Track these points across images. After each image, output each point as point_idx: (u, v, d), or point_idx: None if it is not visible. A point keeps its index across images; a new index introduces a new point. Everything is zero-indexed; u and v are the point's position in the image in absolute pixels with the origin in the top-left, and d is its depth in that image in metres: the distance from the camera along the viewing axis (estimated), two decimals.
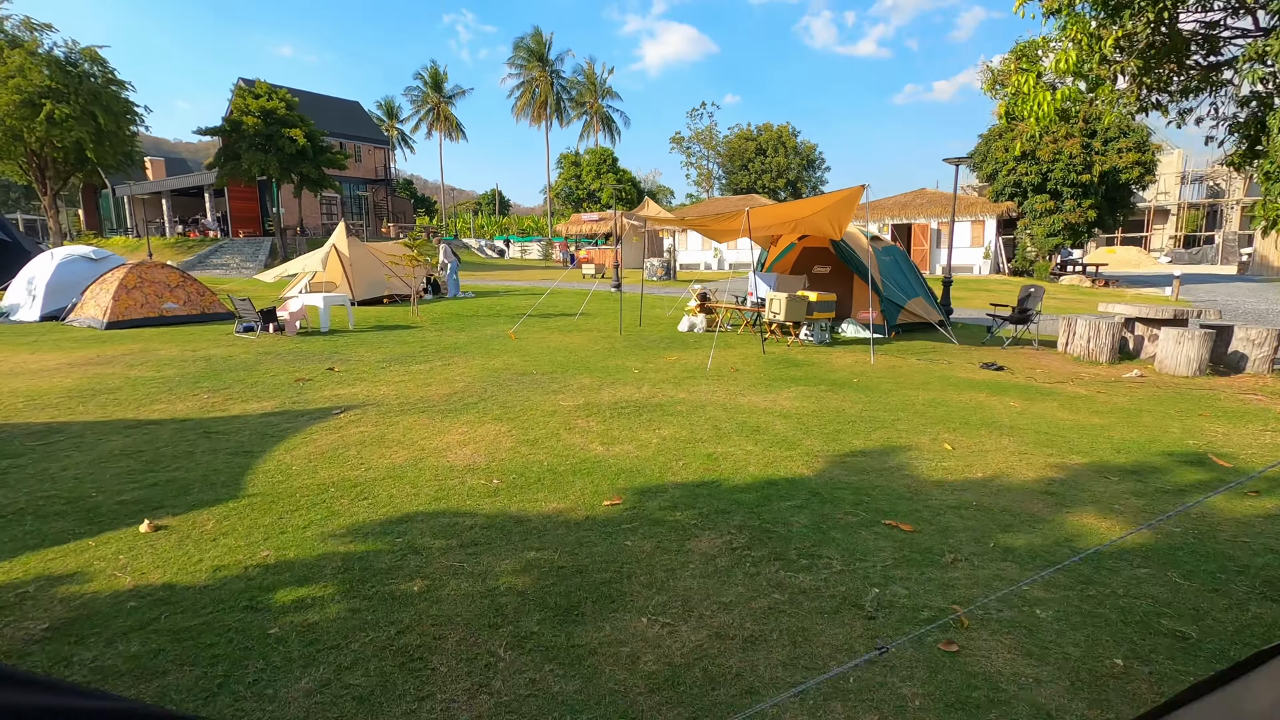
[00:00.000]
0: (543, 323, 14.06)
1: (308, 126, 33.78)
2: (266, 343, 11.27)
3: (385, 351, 10.50)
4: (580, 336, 12.13)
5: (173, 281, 13.75)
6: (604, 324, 14.06)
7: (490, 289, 23.11)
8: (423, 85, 61.41)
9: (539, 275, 31.75)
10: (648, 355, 10.29)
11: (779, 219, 11.09)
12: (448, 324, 14.02)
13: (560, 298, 20.00)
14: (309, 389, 7.80)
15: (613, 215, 37.52)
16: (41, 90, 29.31)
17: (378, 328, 13.40)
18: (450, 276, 20.12)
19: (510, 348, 10.89)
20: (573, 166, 59.02)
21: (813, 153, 60.38)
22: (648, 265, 27.10)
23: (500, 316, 15.44)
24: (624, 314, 15.42)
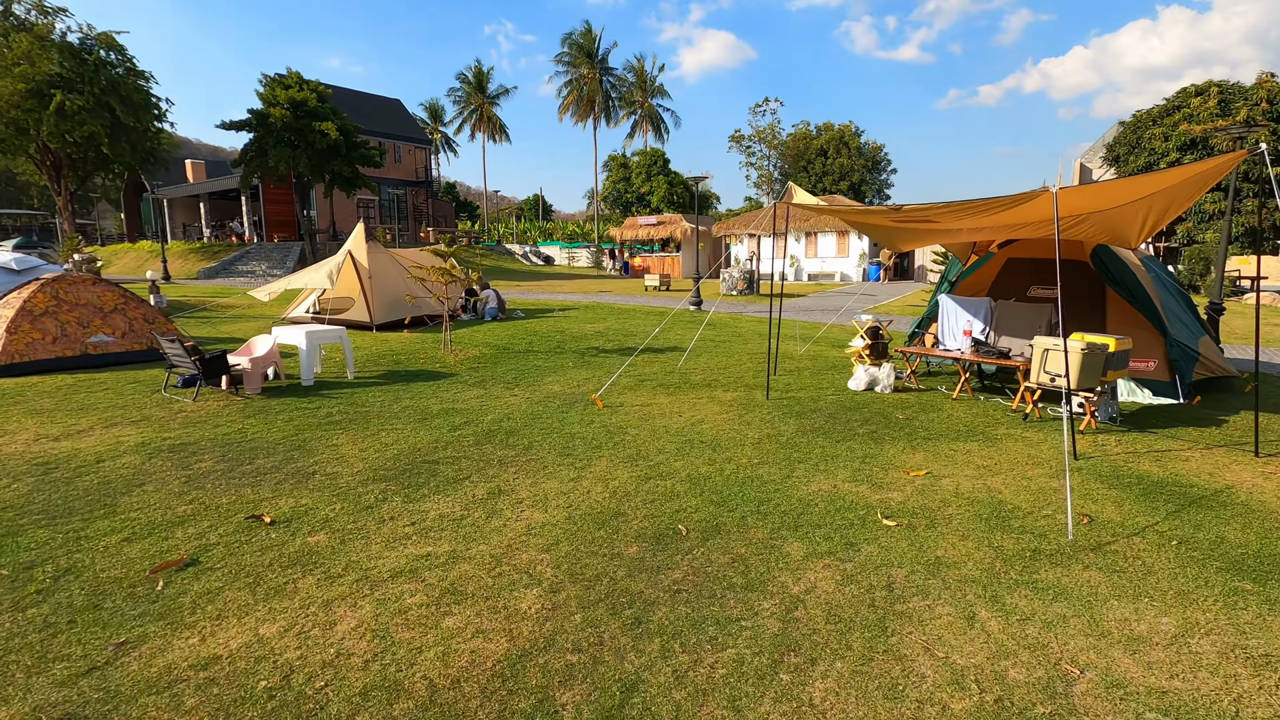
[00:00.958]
0: (636, 370, 9.37)
1: (340, 120, 29.81)
2: (203, 412, 6.79)
3: (387, 445, 5.90)
4: (707, 403, 7.40)
5: (107, 304, 9.41)
6: (726, 373, 9.30)
7: (541, 305, 18.58)
8: (465, 86, 57.62)
9: (594, 286, 27.18)
10: (859, 458, 5.50)
11: (1107, 201, 6.15)
12: (494, 369, 9.42)
13: (632, 319, 15.33)
14: (156, 619, 3.21)
15: (672, 219, 32.82)
16: (51, 79, 25.80)
17: (390, 377, 8.86)
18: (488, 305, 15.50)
19: (603, 433, 6.21)
20: (621, 169, 54.55)
21: (878, 153, 54.90)
22: (725, 277, 22.31)
23: (565, 351, 10.82)
24: (744, 350, 10.68)
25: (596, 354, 10.73)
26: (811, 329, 14.39)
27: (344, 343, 8.48)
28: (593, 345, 11.59)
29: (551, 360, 10.12)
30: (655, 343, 11.89)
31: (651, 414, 6.90)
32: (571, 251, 43.76)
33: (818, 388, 8.30)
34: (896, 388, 8.18)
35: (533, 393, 7.88)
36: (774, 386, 8.21)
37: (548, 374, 9.06)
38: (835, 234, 29.27)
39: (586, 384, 8.39)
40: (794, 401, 7.50)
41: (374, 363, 9.72)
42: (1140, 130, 23.55)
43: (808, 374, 9.24)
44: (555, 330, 13.31)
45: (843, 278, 28.82)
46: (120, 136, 28.57)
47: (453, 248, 10.16)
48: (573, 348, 11.30)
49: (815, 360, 10.41)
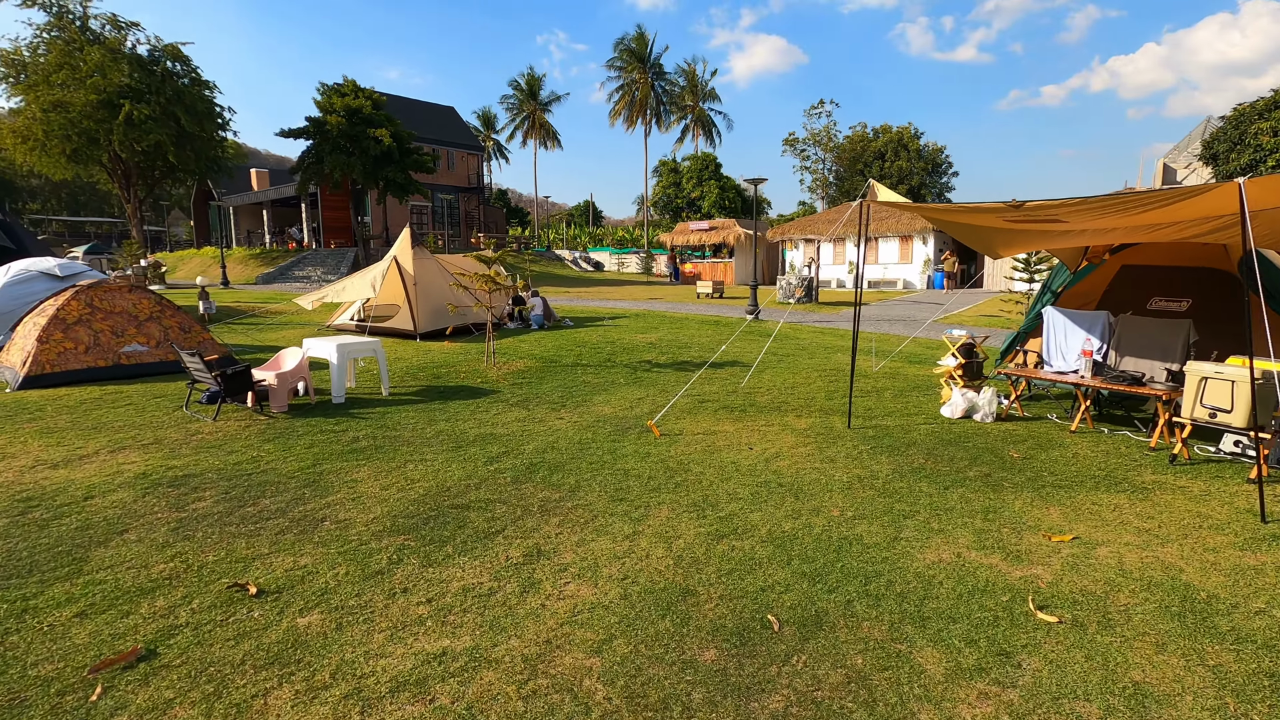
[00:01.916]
0: (695, 389, 8.42)
1: (394, 126, 29.79)
2: (220, 434, 6.14)
3: (413, 481, 5.09)
4: (780, 433, 6.38)
5: (143, 312, 8.96)
6: (795, 394, 8.26)
7: (590, 312, 17.79)
8: (518, 93, 57.71)
9: (644, 293, 26.33)
10: (980, 513, 4.41)
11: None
12: (539, 386, 8.60)
13: (685, 329, 14.37)
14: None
15: (725, 224, 31.75)
16: (121, 90, 26.44)
17: (428, 393, 8.12)
18: (535, 313, 14.73)
19: (662, 470, 5.27)
20: (671, 174, 53.68)
21: (938, 156, 52.59)
22: (783, 284, 21.13)
23: (616, 365, 9.94)
24: (811, 365, 9.59)
25: (649, 369, 9.81)
26: (882, 342, 13.16)
27: (379, 356, 7.77)
28: (645, 358, 10.68)
29: (601, 376, 9.24)
30: (716, 357, 10.91)
31: (716, 445, 5.92)
32: (621, 257, 43.05)
33: (905, 414, 7.18)
34: (999, 415, 7.00)
35: (580, 415, 7.00)
36: (855, 411, 7.12)
37: (597, 392, 8.18)
38: (898, 239, 27.70)
39: (640, 405, 7.48)
40: (881, 432, 6.41)
41: (413, 376, 9.02)
42: (1243, 125, 21.40)
43: (889, 396, 8.12)
44: (605, 341, 12.45)
45: (905, 285, 27.23)
46: (185, 145, 29.14)
47: (498, 253, 9.39)
48: (624, 361, 10.41)
49: (894, 379, 9.26)
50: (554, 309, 17.29)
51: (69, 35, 26.87)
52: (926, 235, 26.93)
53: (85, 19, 27.39)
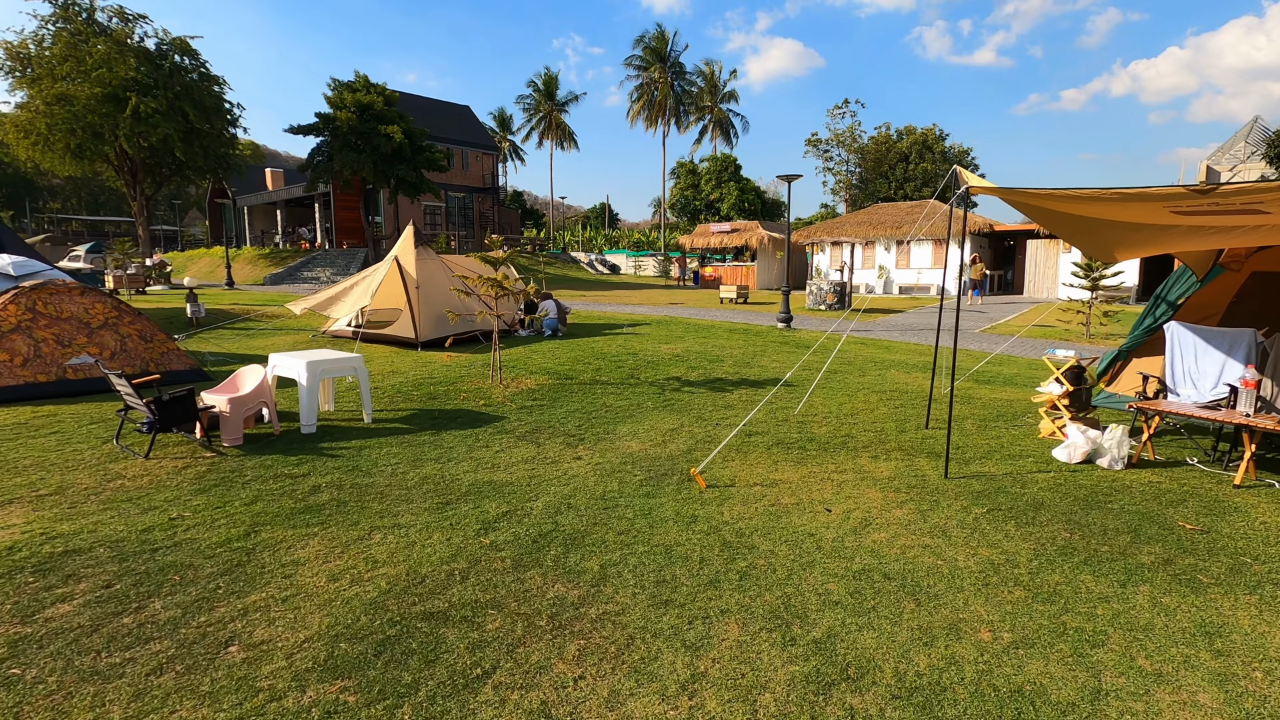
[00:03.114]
0: (739, 415, 6.99)
1: (406, 123, 28.61)
2: (147, 480, 4.79)
3: (376, 563, 3.71)
4: (857, 483, 4.92)
5: (96, 318, 7.67)
6: (859, 422, 6.78)
7: (608, 319, 16.39)
8: (535, 93, 56.54)
9: (663, 297, 24.92)
10: (1197, 633, 2.92)
11: None
12: (552, 410, 7.19)
13: (713, 339, 12.93)
14: None
15: (748, 226, 30.26)
16: (127, 83, 25.43)
17: (419, 419, 6.75)
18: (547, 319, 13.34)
19: (717, 547, 3.84)
20: (690, 175, 52.26)
21: (964, 158, 50.78)
22: (813, 290, 19.62)
23: (640, 382, 8.52)
24: (863, 384, 8.08)
25: (679, 388, 8.39)
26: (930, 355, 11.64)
27: (360, 376, 6.39)
28: (672, 374, 9.26)
29: (625, 396, 7.83)
30: (751, 372, 9.46)
31: (781, 503, 4.49)
32: (638, 260, 41.68)
33: (1006, 455, 5.70)
34: (1130, 460, 5.51)
35: (603, 453, 5.59)
36: (939, 449, 5.67)
37: (621, 419, 6.77)
38: (931, 242, 26.06)
39: (674, 438, 6.06)
40: (990, 485, 4.95)
41: (405, 396, 7.66)
42: None
43: (971, 428, 6.64)
44: (626, 352, 11.05)
45: (938, 291, 25.58)
46: (193, 141, 28.11)
47: (506, 252, 8.02)
48: (649, 377, 9.00)
49: (969, 404, 7.77)
50: (569, 310, 15.96)
51: (75, 27, 25.92)
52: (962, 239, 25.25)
53: (92, 10, 26.43)
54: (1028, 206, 5.87)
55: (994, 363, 11.08)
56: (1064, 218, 6.15)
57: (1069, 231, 6.50)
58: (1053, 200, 5.54)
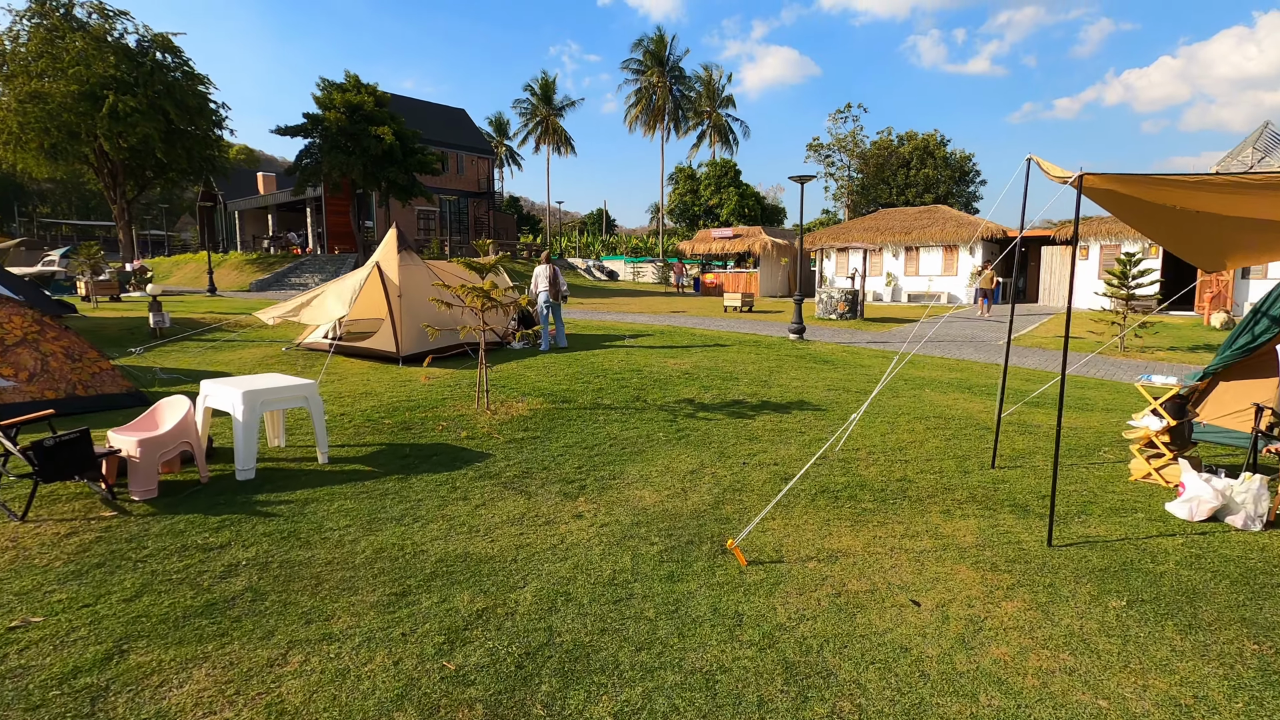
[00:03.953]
0: (769, 452, 5.86)
1: (397, 124, 27.50)
2: (12, 555, 3.63)
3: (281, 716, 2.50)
4: (940, 558, 3.77)
5: (12, 333, 6.50)
6: (914, 460, 5.63)
7: (608, 328, 15.25)
8: (532, 98, 55.53)
9: (664, 305, 23.81)
10: None
11: None
12: (546, 445, 6.04)
13: (723, 352, 11.80)
14: None
15: (750, 231, 29.19)
16: (104, 81, 24.26)
17: (386, 458, 5.58)
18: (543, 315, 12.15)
19: (778, 673, 2.68)
20: (689, 181, 51.25)
21: (965, 164, 49.92)
22: (823, 298, 18.51)
23: (647, 406, 7.37)
24: (901, 409, 6.91)
25: (693, 412, 7.25)
26: (964, 371, 10.55)
27: (313, 408, 5.22)
28: (683, 395, 8.12)
29: (631, 424, 6.69)
30: (771, 393, 8.33)
31: (849, 589, 3.35)
32: (637, 266, 40.60)
33: (1107, 508, 4.57)
34: (1269, 519, 4.39)
35: (610, 508, 4.45)
36: (1019, 496, 4.53)
37: (629, 456, 5.63)
38: (941, 248, 25.01)
39: (695, 484, 4.92)
40: (1110, 556, 3.81)
41: (375, 425, 6.50)
42: None
43: (1043, 464, 5.52)
44: (629, 369, 9.91)
45: (950, 299, 24.55)
46: (175, 142, 26.93)
47: (495, 257, 6.88)
48: (657, 399, 7.86)
49: (1028, 431, 6.66)
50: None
51: (52, 23, 24.75)
52: (974, 246, 24.27)
53: (70, 6, 25.27)
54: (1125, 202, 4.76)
55: (1035, 380, 9.98)
56: (1169, 216, 5.03)
57: (1171, 232, 5.39)
58: (1170, 189, 4.42)
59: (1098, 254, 21.92)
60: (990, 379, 10.10)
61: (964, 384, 9.64)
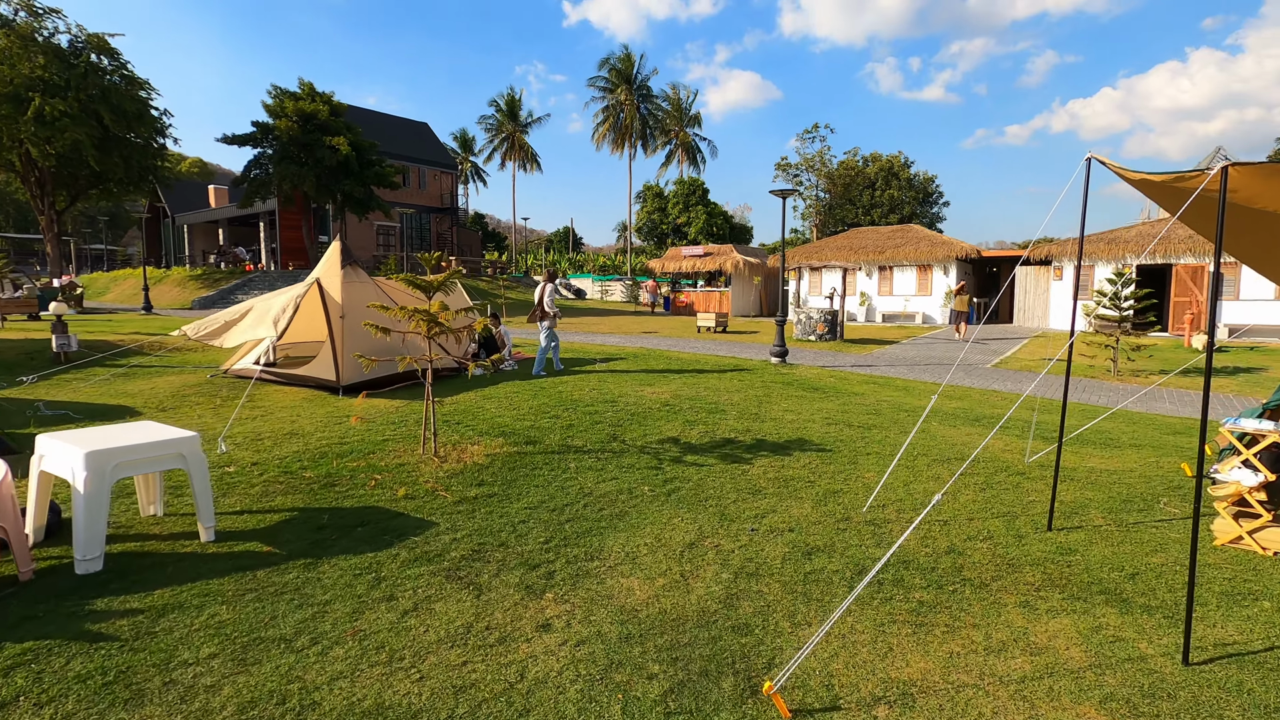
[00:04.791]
0: (779, 513, 4.74)
1: (354, 135, 26.06)
2: None
3: None
4: (1062, 700, 2.67)
5: None
6: (952, 526, 4.56)
7: (579, 351, 14.07)
8: (498, 114, 54.40)
9: (635, 325, 22.74)
10: None
11: None
12: (505, 505, 4.83)
13: (703, 379, 10.73)
14: None
15: (722, 250, 28.40)
16: (31, 82, 22.36)
17: (297, 529, 4.30)
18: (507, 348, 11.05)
19: None
20: (656, 199, 50.61)
21: (929, 185, 50.36)
22: (801, 319, 17.64)
23: (627, 448, 6.23)
24: (920, 450, 5.83)
25: (680, 455, 6.13)
26: (962, 399, 9.64)
27: (191, 470, 3.92)
28: (667, 433, 7.00)
29: (609, 473, 5.53)
30: (764, 429, 7.26)
31: None
32: (605, 284, 39.54)
33: (1218, 592, 3.57)
34: None
35: (587, 612, 3.28)
36: (1106, 579, 3.51)
37: (609, 523, 4.46)
38: (915, 268, 24.52)
39: (697, 565, 3.78)
40: (1270, 679, 2.79)
41: (293, 479, 5.21)
42: None
43: (1102, 521, 4.53)
44: (602, 399, 8.75)
45: (924, 319, 24.03)
46: (111, 149, 25.00)
47: (443, 274, 5.69)
48: (637, 439, 6.72)
49: (1070, 478, 5.69)
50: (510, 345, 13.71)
51: None
52: (947, 265, 23.84)
53: None
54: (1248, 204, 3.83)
55: (1044, 410, 9.14)
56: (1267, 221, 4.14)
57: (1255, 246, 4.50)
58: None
59: (1070, 274, 21.61)
60: (994, 408, 9.22)
61: (969, 415, 8.73)
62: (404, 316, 5.42)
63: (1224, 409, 9.92)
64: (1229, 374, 13.28)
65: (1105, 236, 21.44)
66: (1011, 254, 23.94)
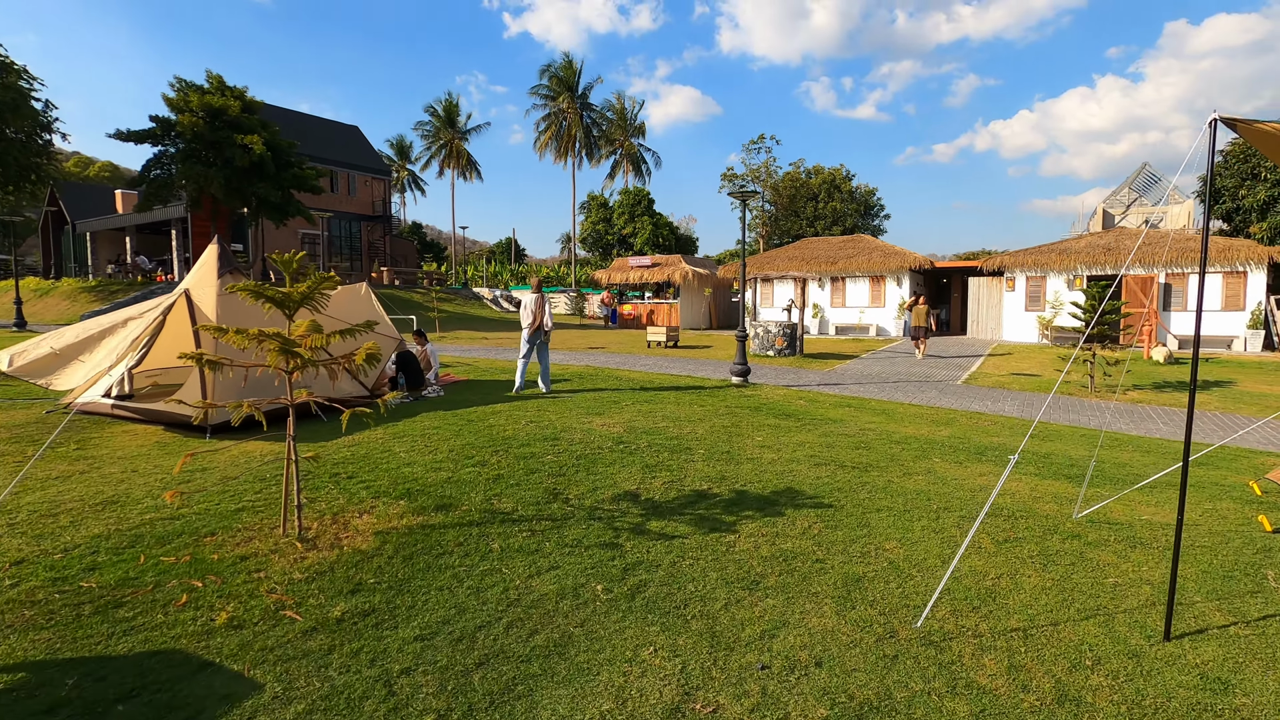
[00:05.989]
0: (788, 629, 3.22)
1: (269, 134, 23.62)
2: None
3: None
4: None
5: None
6: (1033, 641, 3.10)
7: (513, 370, 12.34)
8: (435, 120, 51.96)
9: (580, 340, 21.14)
10: None
11: None
12: (390, 640, 3.16)
13: (660, 404, 9.23)
14: None
15: (670, 260, 27.12)
16: None
17: (7, 703, 2.53)
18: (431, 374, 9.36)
19: None
20: (601, 209, 49.19)
21: (870, 197, 50.66)
22: (758, 331, 16.40)
23: (573, 511, 4.63)
24: (943, 503, 4.44)
25: (642, 522, 4.58)
26: (950, 425, 8.41)
27: None
28: (624, 486, 5.44)
29: (547, 560, 3.93)
30: (742, 476, 5.79)
31: None
32: (549, 296, 37.77)
33: None
34: None
35: None
36: None
37: (543, 664, 2.87)
38: (868, 279, 23.76)
39: None
40: None
41: (61, 591, 3.39)
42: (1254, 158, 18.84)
43: (1218, 613, 3.23)
44: (541, 435, 7.11)
45: (879, 332, 23.27)
46: None
47: (303, 286, 4.01)
48: (584, 496, 5.13)
49: (1136, 542, 4.40)
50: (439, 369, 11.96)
51: None
52: (900, 276, 23.19)
53: None
54: None
55: (1045, 437, 8.01)
56: None
57: None
58: None
59: (1023, 285, 21.22)
60: (990, 435, 8.02)
61: (968, 446, 7.48)
62: (245, 343, 3.70)
63: (1221, 430, 9.06)
64: (1202, 389, 12.65)
65: (1056, 247, 21.13)
66: (964, 265, 23.52)
